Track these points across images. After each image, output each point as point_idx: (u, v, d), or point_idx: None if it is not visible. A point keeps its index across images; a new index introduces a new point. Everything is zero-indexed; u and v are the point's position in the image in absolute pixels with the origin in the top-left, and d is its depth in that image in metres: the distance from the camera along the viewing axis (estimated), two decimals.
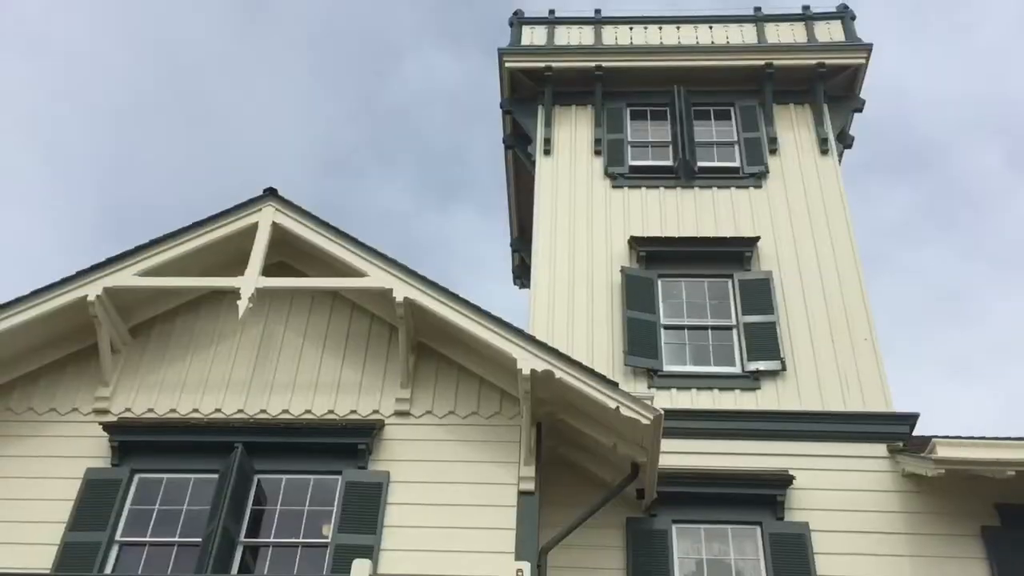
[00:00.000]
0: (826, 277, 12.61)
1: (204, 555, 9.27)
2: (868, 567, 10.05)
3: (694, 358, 12.05)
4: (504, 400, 10.38)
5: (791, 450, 10.91)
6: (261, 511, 9.95)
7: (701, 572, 10.27)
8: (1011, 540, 10.05)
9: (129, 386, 10.67)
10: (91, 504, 9.78)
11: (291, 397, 10.53)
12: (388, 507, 9.74)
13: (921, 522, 10.35)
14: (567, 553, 10.14)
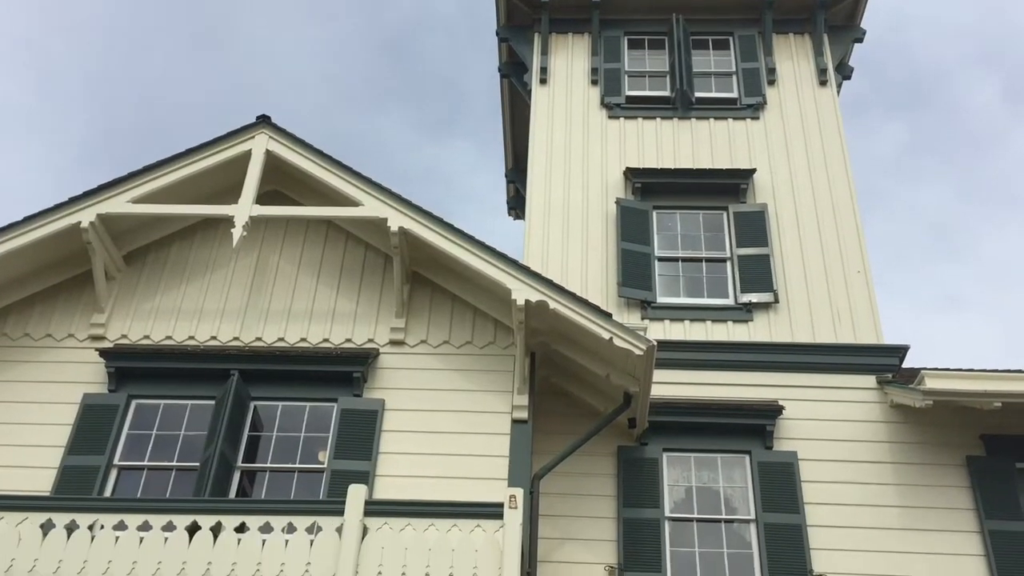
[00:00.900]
0: (821, 210, 12.61)
1: (202, 479, 9.43)
2: (854, 495, 10.26)
3: (687, 290, 12.10)
4: (498, 330, 10.45)
5: (781, 381, 11.04)
6: (258, 437, 10.09)
7: (690, 499, 10.47)
8: (995, 469, 10.26)
9: (124, 313, 10.71)
10: (89, 429, 9.90)
11: (286, 325, 10.58)
12: (383, 434, 9.87)
13: (907, 452, 10.54)
14: (559, 480, 10.32)
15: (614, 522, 10.22)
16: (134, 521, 8.34)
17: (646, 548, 10.00)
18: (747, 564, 9.99)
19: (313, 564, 8.14)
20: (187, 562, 8.15)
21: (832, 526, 10.05)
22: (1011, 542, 9.81)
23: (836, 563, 9.82)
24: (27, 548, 8.21)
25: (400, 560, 8.14)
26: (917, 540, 9.95)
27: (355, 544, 8.16)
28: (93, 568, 8.11)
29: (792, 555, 9.85)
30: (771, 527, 10.05)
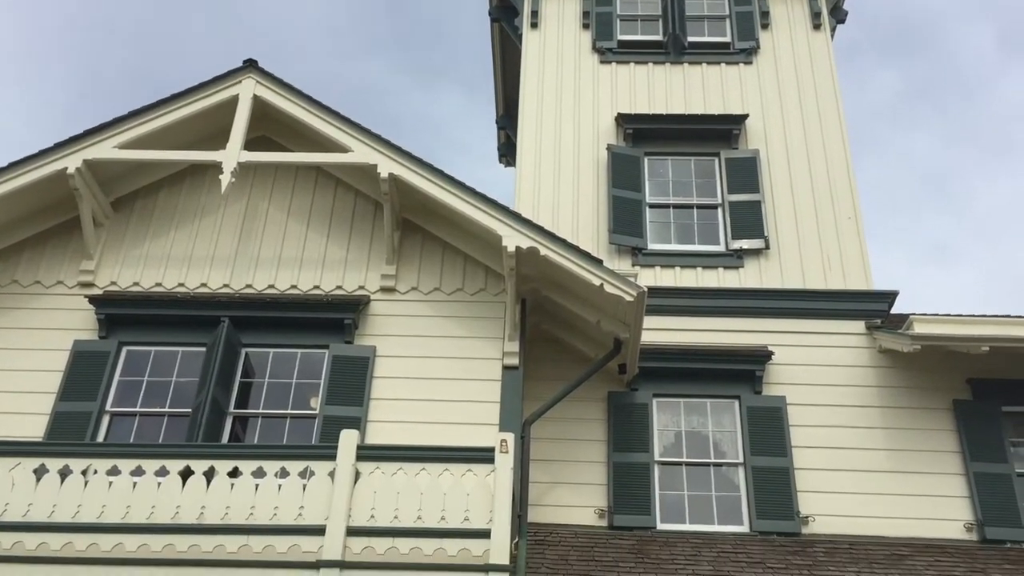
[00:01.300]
0: (813, 156, 12.56)
1: (194, 425, 9.47)
2: (842, 439, 10.39)
3: (679, 236, 12.09)
4: (489, 277, 10.45)
5: (771, 327, 11.10)
6: (249, 384, 10.12)
7: (680, 444, 10.58)
8: (980, 412, 10.38)
9: (113, 260, 10.66)
10: (80, 375, 9.91)
11: (276, 272, 10.55)
12: (374, 380, 9.91)
13: (895, 396, 10.64)
14: (550, 425, 10.40)
15: (604, 466, 10.33)
16: (127, 466, 8.39)
17: (636, 491, 10.13)
18: (735, 506, 10.13)
19: (306, 508, 8.22)
20: (181, 506, 8.22)
21: (819, 469, 10.19)
22: (995, 484, 9.96)
23: (823, 505, 9.97)
24: (21, 493, 8.27)
25: (392, 504, 8.22)
26: (903, 482, 10.09)
27: (348, 488, 8.24)
28: (87, 512, 8.18)
29: (779, 498, 9.99)
30: (759, 470, 10.17)
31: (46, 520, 8.15)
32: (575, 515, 10.05)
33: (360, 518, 8.16)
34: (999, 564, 8.93)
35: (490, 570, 7.90)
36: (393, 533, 8.10)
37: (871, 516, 9.86)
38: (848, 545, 9.41)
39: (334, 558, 7.94)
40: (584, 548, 9.22)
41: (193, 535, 8.08)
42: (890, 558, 9.03)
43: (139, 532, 8.09)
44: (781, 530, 9.79)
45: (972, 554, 9.25)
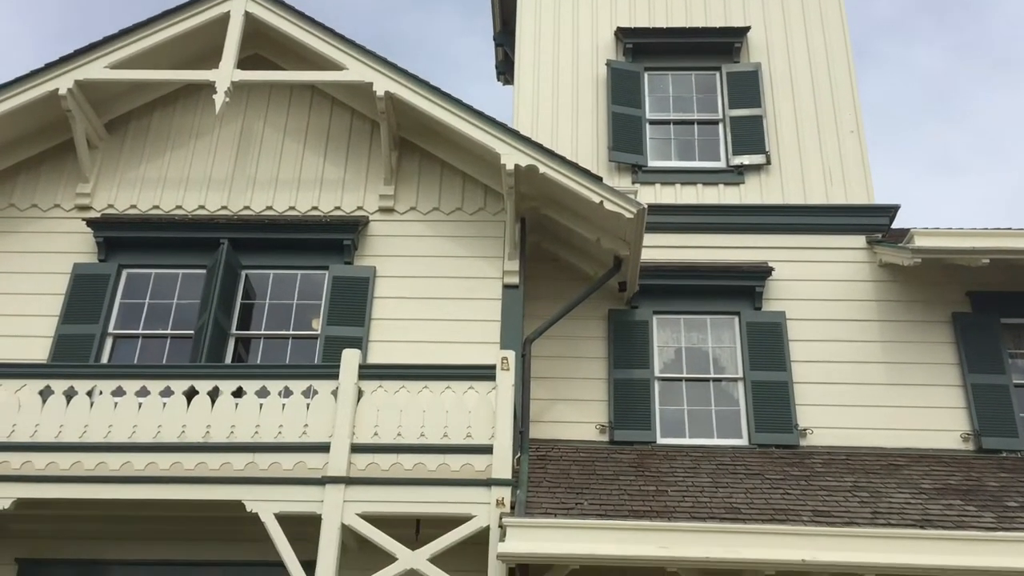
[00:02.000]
0: (816, 69, 12.35)
1: (197, 346, 9.53)
2: (841, 353, 10.45)
3: (679, 153, 11.98)
4: (488, 196, 10.39)
5: (772, 243, 11.08)
6: (251, 305, 10.15)
7: (680, 360, 10.65)
8: (979, 325, 10.43)
9: (109, 182, 10.59)
10: (81, 298, 9.93)
11: (274, 193, 10.49)
12: (375, 301, 9.93)
13: (894, 310, 10.68)
14: (551, 343, 10.47)
15: (605, 383, 10.43)
16: (132, 387, 8.47)
17: (636, 407, 10.24)
18: (734, 420, 10.26)
19: (310, 426, 8.33)
20: (186, 426, 8.32)
21: (818, 383, 10.28)
22: (992, 395, 10.06)
23: (821, 418, 10.09)
24: (27, 414, 8.37)
25: (395, 421, 8.32)
26: (901, 395, 10.19)
27: (351, 406, 8.33)
28: (94, 433, 8.29)
29: (778, 411, 10.11)
30: (758, 384, 10.27)
31: (54, 440, 8.26)
32: (576, 431, 10.18)
33: (364, 435, 8.27)
34: (995, 472, 9.08)
35: (492, 484, 8.03)
36: (397, 449, 8.21)
37: (869, 428, 9.99)
38: (845, 456, 9.56)
39: (339, 474, 8.07)
40: (585, 462, 9.36)
41: (200, 453, 8.21)
42: (886, 468, 9.17)
43: (146, 451, 8.21)
44: (779, 443, 9.93)
45: (968, 463, 9.40)
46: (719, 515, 7.74)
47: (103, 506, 8.47)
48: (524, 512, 7.79)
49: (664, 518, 7.62)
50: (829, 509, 7.92)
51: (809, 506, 8.02)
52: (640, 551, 7.27)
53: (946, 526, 7.49)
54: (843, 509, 7.92)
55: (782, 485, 8.64)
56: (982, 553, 7.08)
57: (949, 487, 8.58)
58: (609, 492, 8.40)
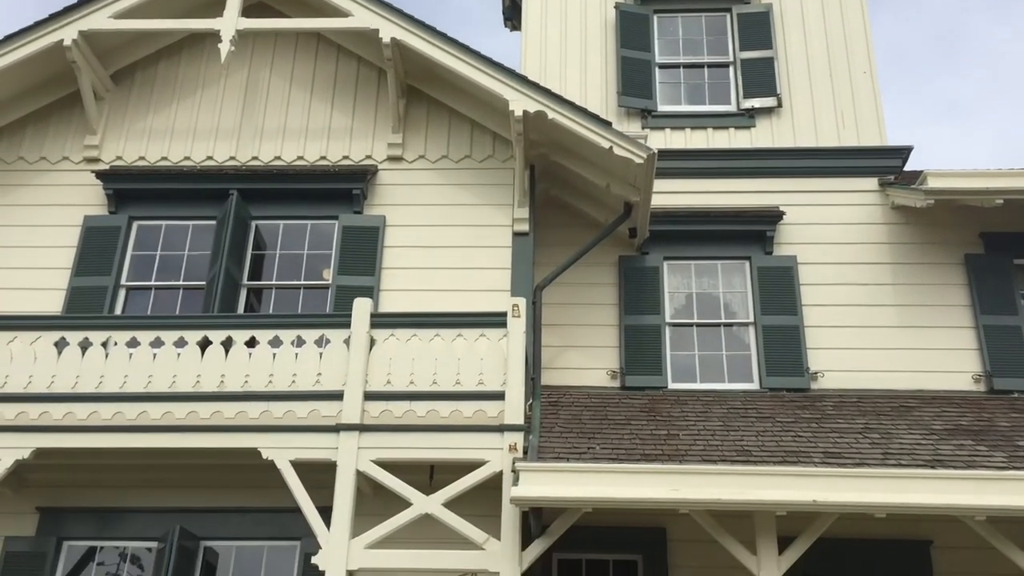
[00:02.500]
0: (828, 9, 12.10)
1: (209, 297, 9.58)
2: (852, 296, 10.43)
3: (689, 97, 11.84)
4: (497, 143, 10.32)
5: (783, 187, 10.99)
6: (261, 256, 10.17)
7: (690, 305, 10.65)
8: (992, 266, 10.37)
9: (117, 134, 10.57)
10: (93, 250, 9.97)
11: (282, 143, 10.45)
12: (385, 250, 9.93)
13: (906, 252, 10.62)
14: (561, 290, 10.47)
15: (616, 329, 10.44)
16: (146, 338, 8.53)
17: (647, 353, 10.27)
18: (745, 365, 10.28)
19: (324, 375, 8.38)
20: (201, 375, 8.39)
21: (829, 326, 10.27)
22: (1004, 336, 10.04)
23: (832, 362, 10.10)
24: (43, 366, 8.44)
25: (408, 369, 8.36)
26: (912, 337, 10.18)
27: (363, 355, 8.37)
28: (110, 383, 8.37)
29: (789, 355, 10.12)
30: (769, 329, 10.27)
31: (70, 391, 8.35)
32: (587, 377, 10.22)
33: (377, 383, 8.32)
34: (1006, 413, 9.09)
35: (505, 430, 8.09)
36: (410, 397, 8.27)
37: (880, 371, 10.00)
38: (856, 399, 9.58)
39: (353, 421, 8.14)
40: (597, 408, 9.41)
41: (215, 402, 8.29)
42: (897, 409, 9.20)
43: (162, 400, 8.30)
44: (791, 386, 9.95)
45: (979, 404, 9.42)
46: (730, 458, 7.79)
47: (121, 455, 8.59)
48: (536, 457, 7.85)
49: (675, 461, 7.67)
50: (840, 451, 7.96)
51: (820, 448, 8.06)
52: (652, 493, 7.33)
53: (957, 466, 7.52)
54: (854, 451, 7.96)
55: (793, 428, 8.68)
56: (993, 492, 7.11)
57: (960, 428, 8.61)
58: (621, 437, 8.45)
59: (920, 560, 8.88)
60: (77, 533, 8.91)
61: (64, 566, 8.90)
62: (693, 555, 8.98)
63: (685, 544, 9.01)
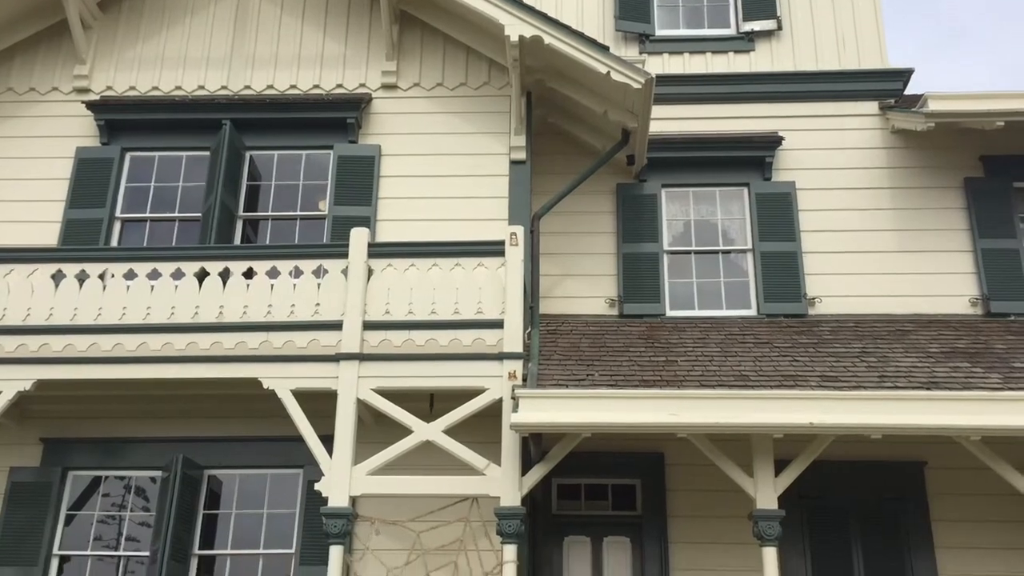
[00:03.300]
0: None
1: (205, 229, 9.53)
2: (851, 221, 10.40)
3: (687, 21, 11.64)
4: (492, 70, 10.17)
5: (782, 112, 10.88)
6: (256, 187, 10.09)
7: (688, 232, 10.63)
8: (991, 189, 10.33)
9: (106, 64, 10.40)
10: (86, 182, 9.89)
11: (274, 72, 10.29)
12: (381, 180, 9.86)
13: (906, 176, 10.56)
14: (559, 219, 10.43)
15: (614, 257, 10.43)
16: (143, 269, 8.51)
17: (645, 281, 10.27)
18: (743, 291, 10.30)
19: (322, 305, 8.38)
20: (199, 306, 8.39)
21: (827, 252, 10.27)
22: (1002, 259, 10.04)
23: (830, 287, 10.12)
24: (41, 298, 8.44)
25: (406, 299, 8.36)
26: (910, 261, 10.18)
27: (361, 284, 8.36)
28: (108, 315, 8.37)
29: (787, 281, 10.13)
30: (767, 255, 10.26)
31: (69, 323, 8.35)
32: (586, 305, 10.24)
33: (375, 313, 8.32)
34: (1002, 335, 9.14)
35: (504, 358, 8.12)
36: (408, 326, 8.28)
37: (878, 295, 10.03)
38: (854, 324, 9.62)
39: (352, 351, 8.16)
40: (595, 335, 9.44)
41: (214, 333, 8.29)
42: (894, 333, 9.24)
43: (161, 332, 8.30)
44: (788, 312, 9.99)
45: (976, 327, 9.46)
46: (728, 382, 7.84)
47: (123, 386, 8.64)
48: (536, 384, 7.90)
49: (674, 386, 7.73)
50: (837, 374, 8.01)
51: (817, 372, 8.11)
52: (650, 418, 7.39)
53: (953, 388, 7.58)
54: (851, 374, 8.02)
55: (790, 353, 8.73)
56: (988, 413, 7.18)
57: (956, 350, 8.66)
58: (619, 363, 8.50)
59: (914, 481, 9.02)
60: (81, 463, 9.02)
61: (70, 495, 9.03)
62: (690, 479, 9.11)
63: (682, 468, 9.14)
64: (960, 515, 8.91)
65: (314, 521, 8.33)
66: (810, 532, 9.00)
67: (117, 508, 9.00)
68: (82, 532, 8.92)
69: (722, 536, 8.90)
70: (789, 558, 8.81)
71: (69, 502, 9.00)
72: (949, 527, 8.89)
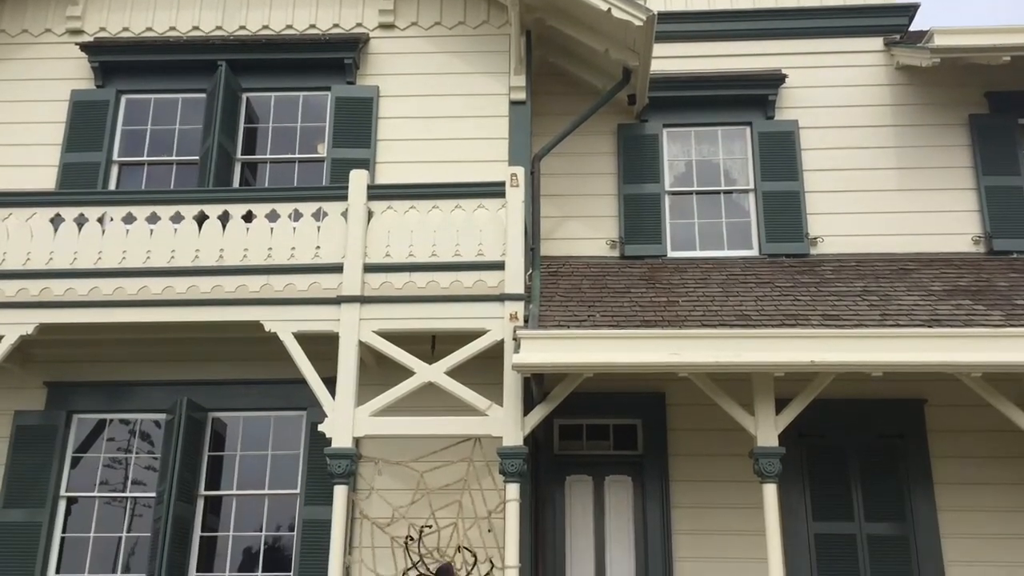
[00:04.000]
0: None
1: (203, 172, 9.47)
2: (854, 160, 10.31)
3: None
4: (491, 8, 10.01)
5: (786, 49, 10.73)
6: (254, 130, 10.00)
7: (690, 173, 10.55)
8: (996, 126, 10.22)
9: (99, 4, 10.22)
10: (82, 125, 9.80)
11: (269, 12, 10.13)
12: (380, 121, 9.76)
13: (910, 114, 10.45)
14: (560, 160, 10.36)
15: (615, 199, 10.37)
16: (142, 213, 8.47)
17: (647, 221, 10.23)
18: (745, 232, 10.25)
19: (322, 248, 8.36)
20: (200, 250, 8.37)
21: (830, 191, 10.19)
22: (1005, 196, 9.98)
23: (832, 227, 10.06)
24: (40, 242, 8.42)
25: (407, 241, 8.34)
26: (913, 200, 10.11)
27: (361, 227, 8.34)
28: (109, 259, 8.36)
29: (789, 221, 10.08)
30: (769, 195, 10.20)
31: (69, 267, 8.34)
32: (587, 247, 10.21)
33: (376, 255, 8.31)
34: (1004, 273, 9.12)
35: (506, 299, 8.13)
36: (409, 268, 8.27)
37: (880, 234, 9.98)
38: (856, 263, 9.60)
39: (354, 293, 8.17)
40: (596, 277, 9.43)
41: (214, 276, 8.29)
42: (896, 272, 9.22)
43: (162, 275, 8.31)
44: (790, 252, 9.95)
45: (978, 265, 9.44)
46: (729, 322, 7.84)
47: (126, 330, 8.67)
48: (537, 325, 7.91)
49: (675, 326, 7.73)
50: (839, 313, 8.01)
51: (819, 311, 8.11)
52: (651, 358, 7.41)
53: (954, 325, 7.58)
54: (852, 312, 8.02)
55: (792, 292, 8.72)
56: (989, 349, 7.20)
57: (958, 288, 8.65)
58: (620, 304, 8.50)
59: (914, 418, 9.08)
60: (86, 407, 9.08)
61: (75, 439, 9.10)
62: (691, 418, 9.17)
63: (683, 408, 9.20)
64: (959, 452, 8.98)
65: (318, 462, 8.41)
66: (809, 470, 9.08)
67: (123, 452, 9.08)
68: (89, 475, 9.01)
69: (722, 474, 8.99)
70: (789, 495, 8.90)
71: (75, 445, 9.08)
72: (948, 463, 8.97)
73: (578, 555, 9.14)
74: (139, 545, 8.79)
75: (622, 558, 9.08)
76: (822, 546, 8.86)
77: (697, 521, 8.93)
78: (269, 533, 8.78)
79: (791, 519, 8.87)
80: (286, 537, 8.77)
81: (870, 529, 8.89)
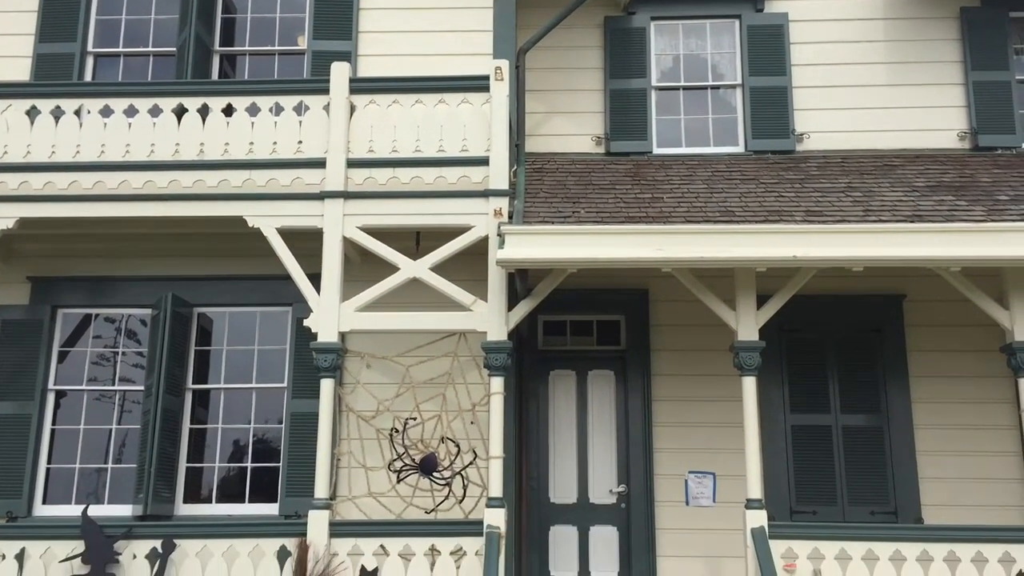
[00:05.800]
0: None
1: (181, 64, 9.27)
2: (843, 54, 10.15)
3: None
4: None
5: None
6: (232, 20, 9.81)
7: (678, 68, 10.40)
8: (987, 19, 10.06)
9: None
10: (55, 14, 9.51)
11: None
12: (361, 12, 9.55)
13: (900, 7, 10.24)
14: (545, 55, 10.18)
15: (601, 94, 10.24)
16: (119, 105, 8.31)
17: (632, 117, 10.12)
18: (731, 128, 10.17)
19: (304, 142, 8.25)
20: (180, 144, 8.25)
21: (817, 86, 10.07)
22: (993, 91, 9.90)
23: (819, 123, 9.99)
24: (17, 135, 8.26)
25: (390, 136, 8.24)
26: (900, 95, 10.03)
27: (344, 121, 8.22)
28: (87, 152, 8.23)
29: (776, 117, 10.00)
30: (756, 91, 10.09)
31: (48, 161, 8.22)
32: (572, 143, 10.13)
33: (359, 150, 8.22)
34: (988, 169, 9.13)
35: (490, 195, 8.09)
36: (393, 163, 8.19)
37: (866, 131, 9.92)
38: (841, 159, 9.57)
39: (337, 188, 8.11)
40: (581, 173, 9.38)
41: (196, 171, 8.19)
42: (881, 168, 9.22)
43: (142, 169, 8.19)
44: (776, 148, 9.90)
45: (963, 161, 9.43)
46: (713, 218, 7.86)
47: (109, 224, 8.60)
48: (522, 220, 7.90)
49: (659, 222, 7.74)
50: (822, 209, 8.04)
51: (802, 207, 8.13)
52: (635, 253, 7.44)
53: (936, 220, 7.63)
54: (836, 208, 8.04)
55: (776, 188, 8.72)
56: (968, 244, 7.25)
57: (942, 184, 8.67)
58: (605, 201, 8.48)
59: (892, 313, 9.22)
60: (70, 301, 9.08)
61: (61, 333, 9.12)
62: (674, 314, 9.28)
63: (667, 304, 9.30)
64: (935, 345, 9.16)
65: (305, 356, 8.49)
66: (788, 363, 9.25)
67: (110, 348, 9.13)
68: (76, 369, 9.07)
69: (704, 368, 9.15)
70: (768, 387, 9.09)
71: (61, 339, 9.11)
72: (923, 356, 9.15)
73: (561, 447, 9.36)
74: (129, 437, 8.93)
75: (604, 449, 9.31)
76: (798, 437, 9.10)
77: (678, 414, 9.13)
78: (257, 425, 8.93)
79: (769, 411, 9.08)
80: (274, 429, 8.92)
81: (845, 420, 9.12)
